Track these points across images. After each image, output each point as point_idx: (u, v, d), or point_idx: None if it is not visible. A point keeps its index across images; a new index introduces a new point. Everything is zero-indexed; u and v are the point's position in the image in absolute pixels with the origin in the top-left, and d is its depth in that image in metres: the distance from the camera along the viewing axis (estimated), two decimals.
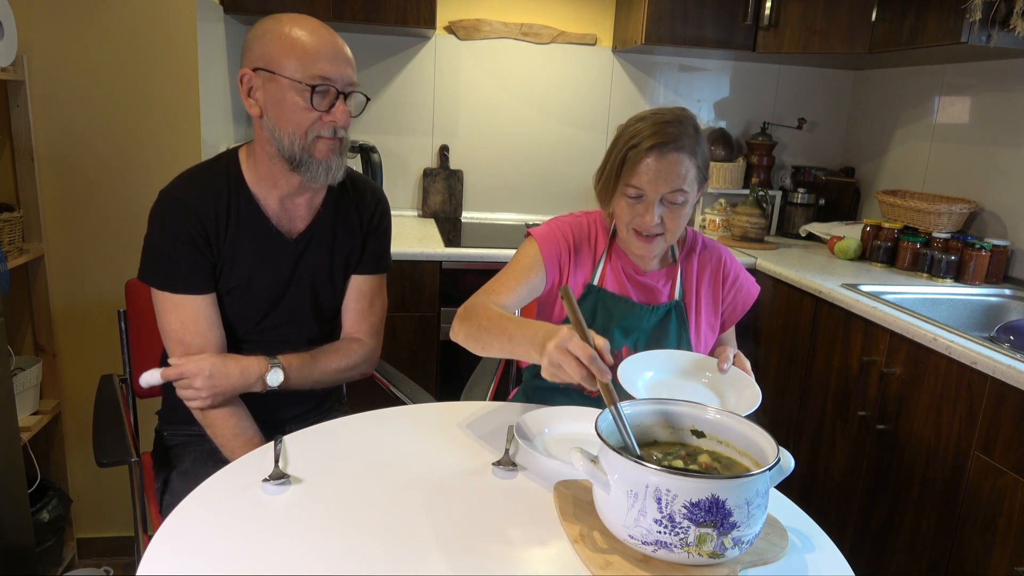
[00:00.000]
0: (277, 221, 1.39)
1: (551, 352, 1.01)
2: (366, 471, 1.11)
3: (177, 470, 1.42)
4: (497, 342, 1.19)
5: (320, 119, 1.28)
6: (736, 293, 1.51)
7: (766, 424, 1.06)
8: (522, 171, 2.98)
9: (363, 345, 1.50)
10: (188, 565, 0.87)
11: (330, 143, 1.31)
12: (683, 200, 1.34)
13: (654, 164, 1.31)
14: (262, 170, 1.35)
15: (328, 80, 1.26)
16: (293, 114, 1.26)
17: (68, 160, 2.00)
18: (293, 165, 1.31)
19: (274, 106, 1.27)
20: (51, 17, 1.92)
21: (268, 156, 1.33)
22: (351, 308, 1.52)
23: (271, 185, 1.36)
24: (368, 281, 1.52)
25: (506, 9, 2.82)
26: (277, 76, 1.25)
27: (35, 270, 2.04)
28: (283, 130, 1.28)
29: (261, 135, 1.32)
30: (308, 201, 1.42)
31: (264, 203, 1.38)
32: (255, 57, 1.27)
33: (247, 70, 1.28)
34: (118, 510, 2.26)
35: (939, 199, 2.43)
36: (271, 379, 1.34)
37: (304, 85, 1.25)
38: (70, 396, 2.15)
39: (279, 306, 1.43)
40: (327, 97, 1.28)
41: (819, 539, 1.03)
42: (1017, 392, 1.48)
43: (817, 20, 2.48)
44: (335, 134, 1.31)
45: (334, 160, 1.32)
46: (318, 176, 1.32)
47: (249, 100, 1.30)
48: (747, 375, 1.31)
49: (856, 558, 1.93)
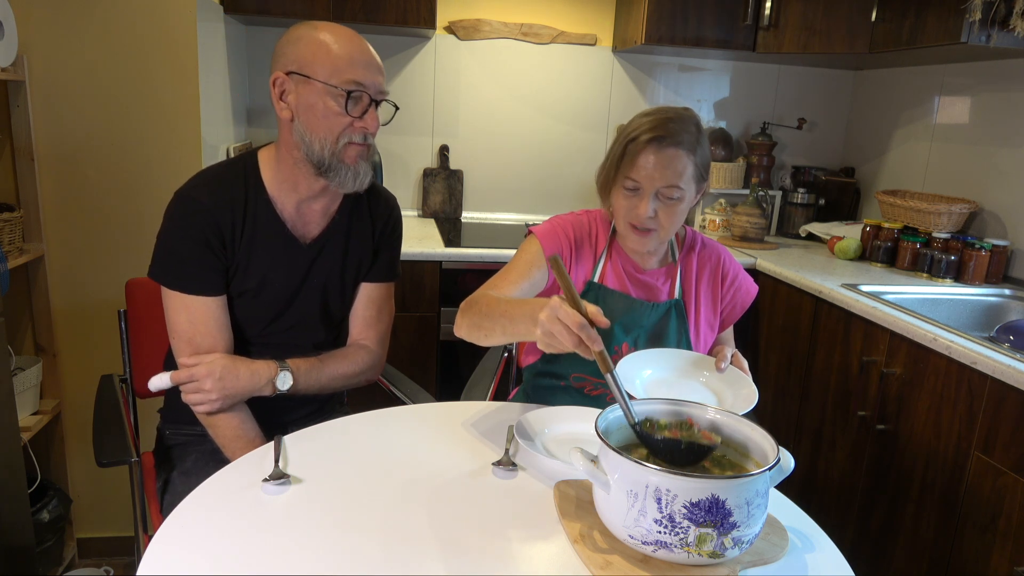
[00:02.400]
0: (292, 226, 1.39)
1: (543, 322, 1.01)
2: (366, 471, 1.11)
3: (178, 470, 1.42)
4: (499, 325, 1.19)
5: (352, 125, 1.28)
6: (735, 293, 1.52)
7: (766, 424, 1.06)
8: (522, 171, 2.98)
9: (370, 352, 1.50)
10: (188, 565, 0.87)
11: (359, 149, 1.31)
12: (679, 196, 1.34)
13: (651, 157, 1.32)
14: (284, 173, 1.35)
15: (362, 86, 1.27)
16: (326, 119, 1.27)
17: (68, 160, 2.00)
18: (321, 170, 1.31)
19: (306, 110, 1.27)
20: (51, 17, 1.92)
21: (293, 160, 1.32)
22: (359, 315, 1.52)
23: (291, 189, 1.36)
24: (377, 289, 1.52)
25: (506, 9, 2.82)
26: (311, 80, 1.26)
27: (35, 270, 2.04)
28: (314, 134, 1.28)
29: (289, 139, 1.31)
30: (324, 207, 1.41)
31: (281, 207, 1.37)
32: (289, 61, 1.27)
33: (280, 73, 1.28)
34: (118, 510, 2.26)
35: (939, 199, 2.43)
36: (280, 383, 1.34)
37: (339, 90, 1.26)
38: (70, 396, 2.15)
39: (289, 310, 1.43)
40: (360, 103, 1.28)
41: (819, 539, 1.03)
42: (1017, 392, 1.48)
43: (817, 20, 2.48)
44: (365, 140, 1.31)
45: (362, 166, 1.33)
46: (346, 182, 1.32)
47: (281, 103, 1.29)
48: (744, 375, 1.32)
49: (856, 558, 1.93)
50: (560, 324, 0.99)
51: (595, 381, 1.45)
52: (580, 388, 1.47)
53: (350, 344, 1.52)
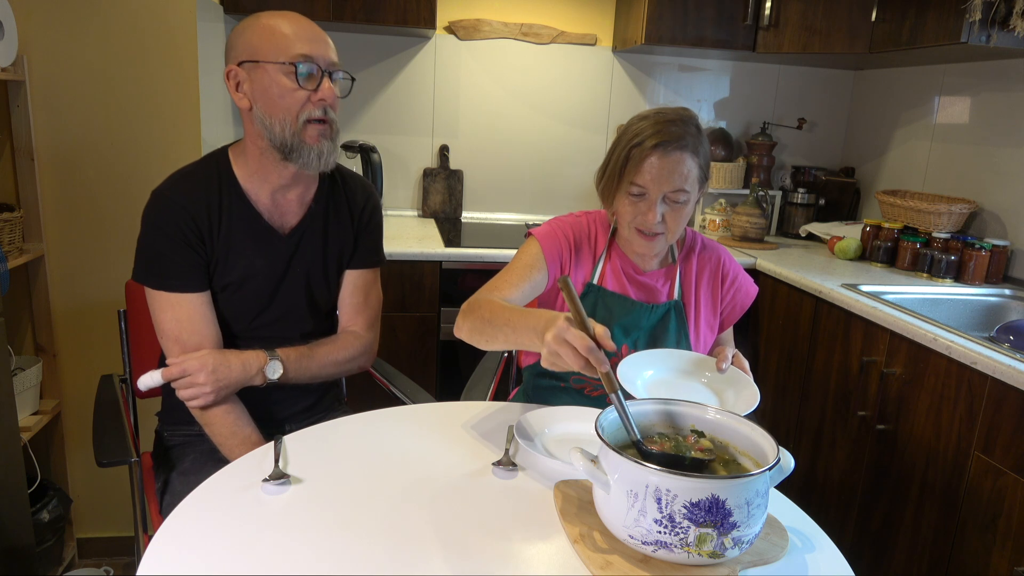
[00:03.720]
0: (269, 217, 1.40)
1: (549, 342, 1.01)
2: (366, 471, 1.11)
3: (177, 470, 1.42)
4: (501, 333, 1.19)
5: (309, 99, 1.29)
6: (735, 294, 1.52)
7: (766, 424, 1.06)
8: (522, 171, 2.98)
9: (359, 338, 1.51)
10: (188, 565, 0.87)
11: (320, 127, 1.32)
12: (685, 199, 1.34)
13: (657, 163, 1.31)
14: (253, 165, 1.37)
15: (310, 58, 1.28)
16: (281, 98, 1.28)
17: (68, 160, 2.00)
18: (285, 153, 1.32)
19: (262, 93, 1.29)
20: (51, 17, 1.92)
21: (259, 150, 1.34)
22: (347, 302, 1.53)
23: (262, 180, 1.38)
24: (363, 275, 1.53)
25: (506, 9, 2.82)
26: (261, 63, 1.28)
27: (35, 270, 2.04)
28: (273, 117, 1.29)
29: (252, 128, 1.34)
30: (300, 196, 1.42)
31: (255, 199, 1.38)
32: (238, 52, 1.31)
33: (232, 66, 1.32)
34: (118, 510, 2.26)
35: (939, 199, 2.43)
36: (270, 371, 1.35)
37: (288, 65, 1.27)
38: (70, 396, 2.15)
39: (274, 302, 1.44)
40: (312, 77, 1.29)
41: (819, 539, 1.03)
42: (1017, 392, 1.48)
43: (817, 20, 2.48)
44: (325, 114, 1.32)
45: (325, 145, 1.33)
46: (310, 162, 1.33)
47: (238, 94, 1.32)
48: (746, 375, 1.31)
49: (856, 558, 1.93)
50: (567, 346, 0.99)
51: (595, 383, 1.45)
52: (580, 389, 1.47)
53: (340, 332, 1.53)
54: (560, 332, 1.00)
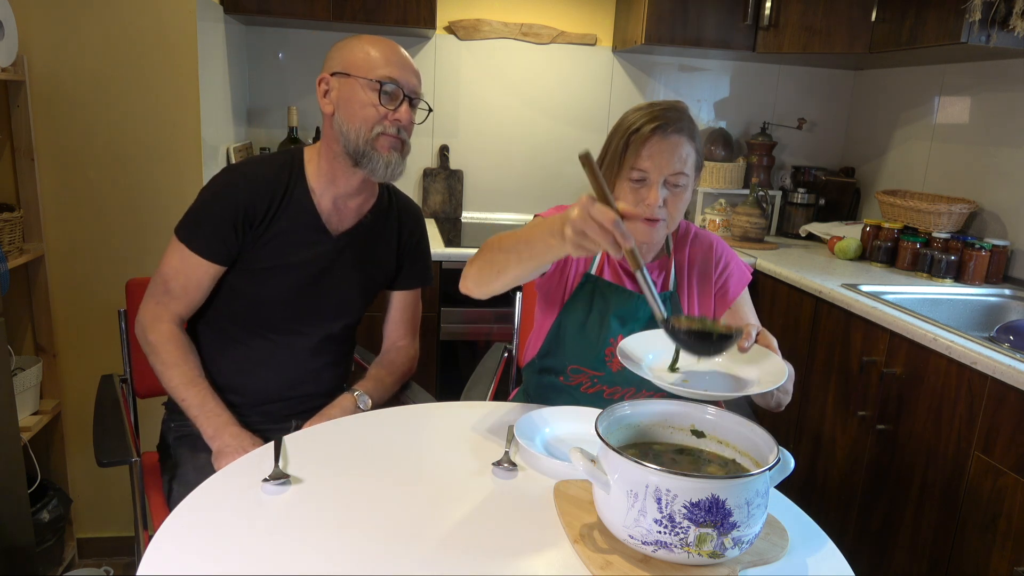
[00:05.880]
0: (327, 218, 1.48)
1: (574, 221, 0.98)
2: (366, 471, 1.11)
3: (187, 462, 1.43)
4: (514, 253, 1.16)
5: (386, 116, 1.39)
6: (727, 279, 1.50)
7: (766, 424, 1.06)
8: (522, 171, 2.98)
9: (409, 349, 1.65)
10: (188, 565, 0.87)
11: (392, 140, 1.41)
12: (684, 183, 1.35)
13: (657, 146, 1.32)
14: (324, 167, 1.46)
15: (396, 82, 1.39)
16: (362, 109, 1.38)
17: (68, 160, 2.00)
18: (356, 159, 1.40)
19: (346, 102, 1.39)
20: (51, 17, 1.92)
21: (333, 154, 1.43)
22: (395, 320, 1.65)
23: (329, 182, 1.46)
24: (412, 295, 1.67)
25: (506, 9, 2.82)
26: (351, 76, 1.39)
27: (35, 270, 2.04)
28: (351, 124, 1.39)
29: (330, 133, 1.43)
30: (359, 206, 1.52)
31: (318, 198, 1.46)
32: (334, 64, 1.42)
33: (325, 75, 1.42)
34: (118, 510, 2.26)
35: (939, 199, 2.43)
36: (361, 404, 1.46)
37: (374, 82, 1.38)
38: (70, 396, 2.15)
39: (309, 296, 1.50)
40: (394, 98, 1.40)
41: (819, 539, 1.03)
42: (1017, 392, 1.48)
43: (817, 20, 2.48)
44: (398, 133, 1.41)
45: (394, 156, 1.42)
46: (378, 169, 1.41)
47: (324, 100, 1.43)
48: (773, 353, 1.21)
49: (856, 558, 1.93)
50: (593, 223, 0.96)
51: (592, 375, 1.45)
52: (577, 384, 1.47)
53: (389, 348, 1.65)
54: (585, 208, 0.97)
